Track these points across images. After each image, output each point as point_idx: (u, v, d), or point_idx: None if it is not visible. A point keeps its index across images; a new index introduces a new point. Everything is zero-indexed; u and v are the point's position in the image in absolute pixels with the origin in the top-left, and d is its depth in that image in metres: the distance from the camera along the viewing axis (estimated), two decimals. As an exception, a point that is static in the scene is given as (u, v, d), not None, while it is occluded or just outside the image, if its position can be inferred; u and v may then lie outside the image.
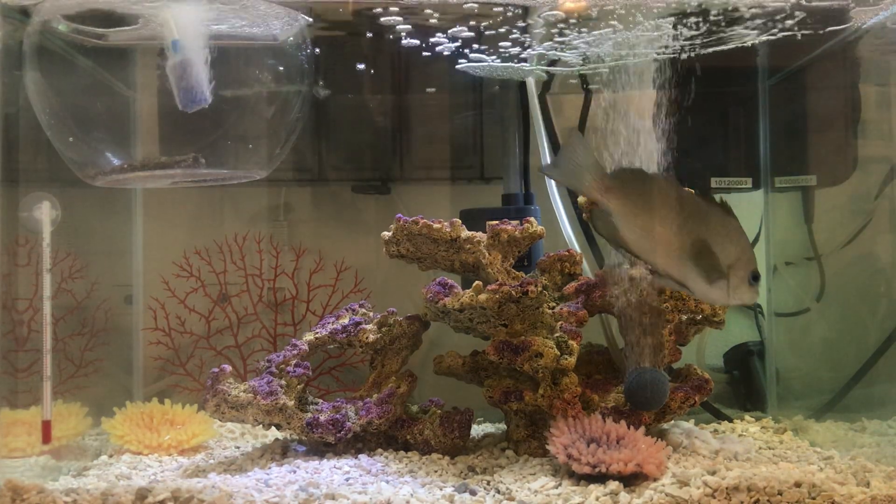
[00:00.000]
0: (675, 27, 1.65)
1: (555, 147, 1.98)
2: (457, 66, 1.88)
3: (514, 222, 1.68)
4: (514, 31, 1.69)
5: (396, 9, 1.61)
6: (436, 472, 1.52)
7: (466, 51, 1.79)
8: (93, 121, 1.62)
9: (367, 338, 1.70)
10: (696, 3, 1.59)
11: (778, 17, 1.64)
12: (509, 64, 1.86)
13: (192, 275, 2.07)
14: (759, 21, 1.65)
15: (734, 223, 1.45)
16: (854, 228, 1.86)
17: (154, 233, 2.10)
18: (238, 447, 1.78)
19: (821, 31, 1.69)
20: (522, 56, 1.81)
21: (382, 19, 1.64)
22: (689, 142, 1.66)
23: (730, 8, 1.60)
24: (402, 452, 1.62)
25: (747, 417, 1.98)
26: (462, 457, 1.61)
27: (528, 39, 1.74)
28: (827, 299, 1.94)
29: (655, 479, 1.39)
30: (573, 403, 1.56)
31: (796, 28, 1.68)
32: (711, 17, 1.63)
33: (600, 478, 1.38)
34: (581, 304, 1.66)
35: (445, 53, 1.78)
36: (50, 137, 1.59)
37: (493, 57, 1.81)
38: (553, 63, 1.88)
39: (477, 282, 1.60)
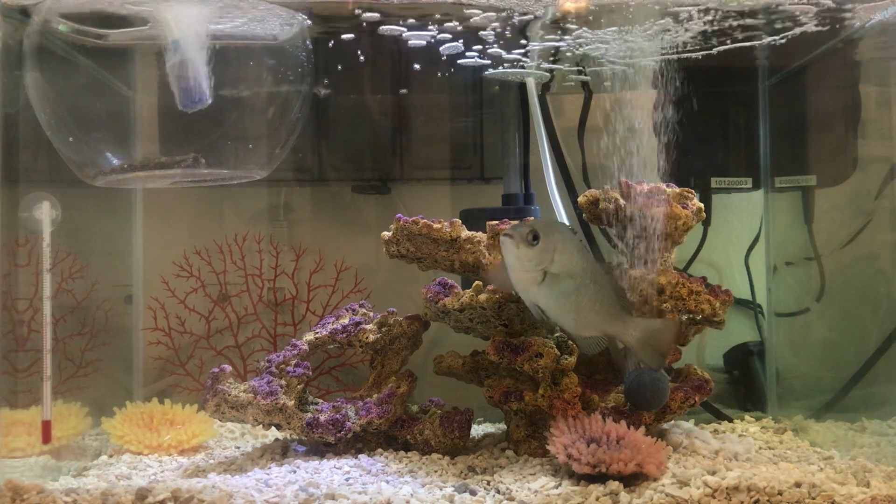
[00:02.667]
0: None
1: (555, 147, 1.98)
2: (485, 74, 1.89)
3: (514, 222, 1.68)
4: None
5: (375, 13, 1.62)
6: (436, 472, 1.51)
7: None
8: (93, 121, 1.62)
9: (367, 338, 1.70)
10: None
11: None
12: (514, 69, 1.87)
13: (192, 275, 2.07)
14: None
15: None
16: (854, 228, 1.86)
17: (154, 233, 2.10)
18: (238, 447, 1.78)
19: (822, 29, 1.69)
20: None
21: (364, 14, 1.64)
22: (689, 142, 1.66)
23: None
24: (402, 452, 1.62)
25: (747, 417, 1.98)
26: (462, 457, 1.60)
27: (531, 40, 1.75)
28: (827, 299, 1.94)
29: (655, 479, 1.39)
30: (573, 403, 1.56)
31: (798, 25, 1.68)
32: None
33: (600, 478, 1.38)
34: (581, 304, 1.66)
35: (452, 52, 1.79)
36: (50, 137, 1.59)
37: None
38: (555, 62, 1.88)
39: (477, 282, 1.60)
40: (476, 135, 2.11)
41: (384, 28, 1.67)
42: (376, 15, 1.63)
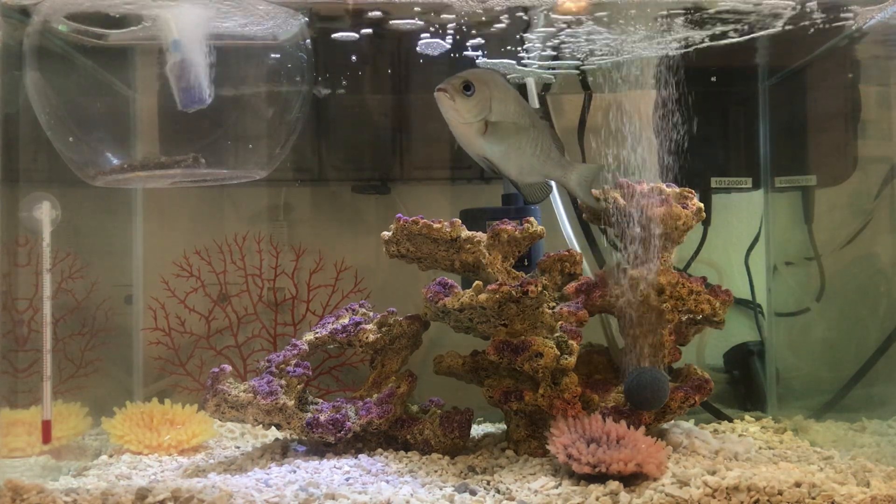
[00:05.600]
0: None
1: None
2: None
3: (514, 222, 1.68)
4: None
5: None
6: (436, 472, 1.52)
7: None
8: (93, 121, 1.62)
9: (367, 338, 1.70)
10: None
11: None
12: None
13: (192, 275, 2.07)
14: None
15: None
16: (854, 228, 1.86)
17: (154, 233, 2.10)
18: (238, 447, 1.78)
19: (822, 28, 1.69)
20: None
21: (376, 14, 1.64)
22: (689, 142, 1.66)
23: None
24: (402, 452, 1.62)
25: (747, 417, 1.98)
26: (462, 457, 1.61)
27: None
28: (827, 299, 1.94)
29: (655, 479, 1.39)
30: (573, 403, 1.56)
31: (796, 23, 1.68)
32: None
33: (600, 478, 1.38)
34: (581, 304, 1.66)
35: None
36: (50, 137, 1.59)
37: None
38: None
39: (477, 282, 1.60)
40: (476, 135, 2.10)
41: (338, 35, 1.69)
42: (379, 13, 1.64)
